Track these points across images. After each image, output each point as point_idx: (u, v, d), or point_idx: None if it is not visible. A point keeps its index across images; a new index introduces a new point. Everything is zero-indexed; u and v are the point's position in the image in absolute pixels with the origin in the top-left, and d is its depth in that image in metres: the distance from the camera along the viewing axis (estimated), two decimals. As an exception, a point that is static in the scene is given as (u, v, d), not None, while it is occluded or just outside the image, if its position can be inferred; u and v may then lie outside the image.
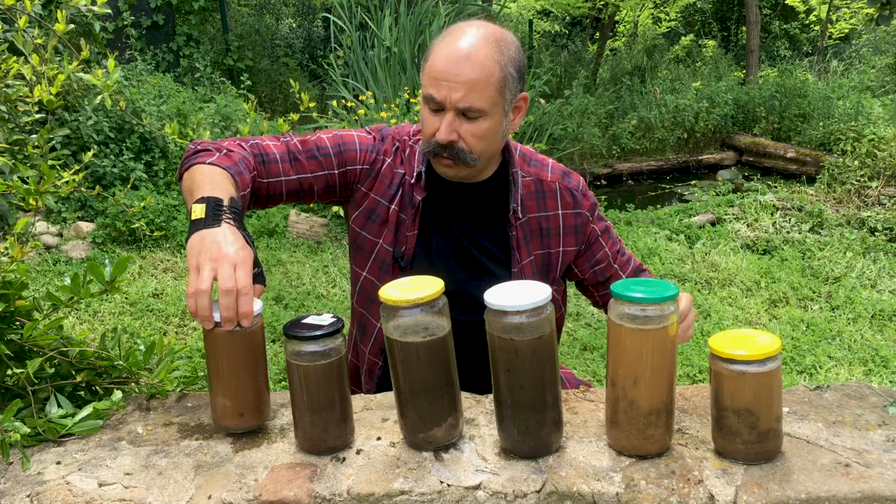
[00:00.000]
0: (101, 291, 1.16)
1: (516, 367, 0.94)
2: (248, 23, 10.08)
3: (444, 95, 1.26)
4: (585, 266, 1.50)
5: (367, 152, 1.41)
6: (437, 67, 1.26)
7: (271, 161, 1.33)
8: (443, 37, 1.31)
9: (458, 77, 1.24)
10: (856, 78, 10.91)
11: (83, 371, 1.17)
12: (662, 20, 14.74)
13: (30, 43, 1.29)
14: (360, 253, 1.44)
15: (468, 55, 1.25)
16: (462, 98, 1.25)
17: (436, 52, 1.29)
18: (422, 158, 1.40)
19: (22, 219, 1.21)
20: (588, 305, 3.95)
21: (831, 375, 3.09)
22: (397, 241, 1.41)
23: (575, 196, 1.46)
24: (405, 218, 1.40)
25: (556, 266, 1.47)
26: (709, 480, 0.92)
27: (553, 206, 1.45)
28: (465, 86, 1.25)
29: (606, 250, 1.50)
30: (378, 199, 1.41)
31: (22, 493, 0.96)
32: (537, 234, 1.44)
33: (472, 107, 1.26)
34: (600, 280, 1.51)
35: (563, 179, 1.47)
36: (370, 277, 1.43)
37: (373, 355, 1.48)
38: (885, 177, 5.65)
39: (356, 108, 6.05)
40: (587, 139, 7.97)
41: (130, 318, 3.72)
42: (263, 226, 5.15)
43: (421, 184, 1.40)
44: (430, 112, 1.30)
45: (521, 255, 1.42)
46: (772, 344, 0.92)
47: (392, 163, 1.41)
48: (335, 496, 0.93)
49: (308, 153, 1.36)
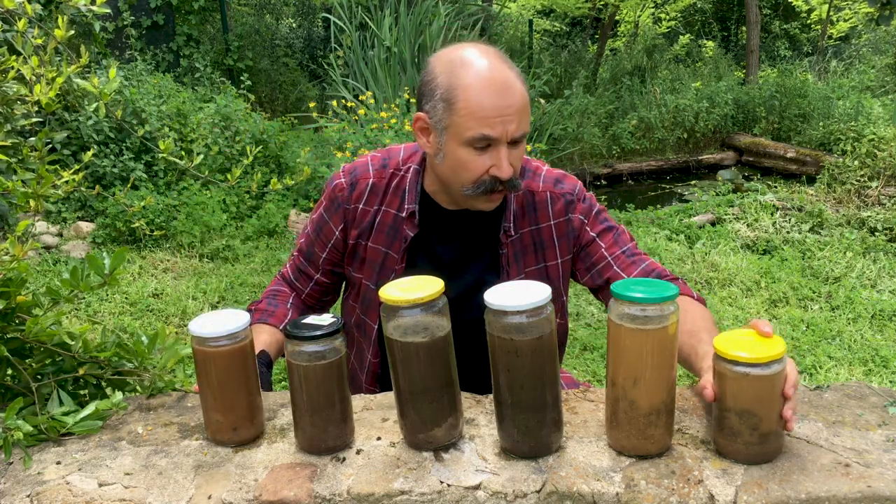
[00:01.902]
0: (100, 284, 1.16)
1: (516, 367, 0.94)
2: (248, 23, 10.08)
3: (500, 132, 1.21)
4: (581, 268, 1.45)
5: (336, 215, 1.44)
6: (485, 106, 1.19)
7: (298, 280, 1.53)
8: (461, 75, 1.22)
9: (509, 109, 1.20)
10: (856, 78, 10.91)
11: (86, 364, 1.16)
12: (663, 20, 14.74)
13: (29, 44, 1.29)
14: (352, 288, 1.52)
15: (507, 84, 1.21)
16: (517, 128, 1.22)
17: (470, 89, 1.20)
18: (414, 195, 1.38)
19: (23, 221, 1.21)
20: (588, 305, 3.95)
21: (831, 375, 3.09)
22: (382, 275, 1.41)
23: (568, 201, 1.42)
24: (392, 254, 1.40)
25: (557, 279, 1.43)
26: (709, 480, 0.92)
27: (545, 218, 1.41)
28: (516, 116, 1.21)
29: (604, 252, 1.41)
30: (359, 241, 1.43)
31: (22, 493, 0.96)
32: (531, 250, 1.41)
33: (524, 133, 1.24)
34: (598, 283, 1.43)
35: (554, 187, 1.42)
36: (361, 314, 1.49)
37: (368, 384, 1.52)
38: (885, 177, 5.66)
39: (356, 108, 6.05)
40: (587, 139, 7.97)
41: (130, 318, 3.72)
42: (263, 226, 5.16)
43: (414, 221, 1.38)
44: (476, 152, 1.23)
45: (511, 272, 1.40)
46: (776, 346, 0.92)
47: (367, 204, 1.41)
48: (335, 496, 0.93)
49: (307, 257, 1.51)
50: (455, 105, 1.21)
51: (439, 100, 1.23)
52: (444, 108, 1.23)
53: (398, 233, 1.39)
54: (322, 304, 1.57)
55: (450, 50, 1.27)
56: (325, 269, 1.50)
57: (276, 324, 1.43)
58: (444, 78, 1.23)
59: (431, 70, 1.27)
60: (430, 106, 1.26)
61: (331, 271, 1.50)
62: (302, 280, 1.53)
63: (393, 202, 1.40)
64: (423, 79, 1.28)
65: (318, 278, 1.51)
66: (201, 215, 4.97)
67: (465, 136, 1.22)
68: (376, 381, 1.51)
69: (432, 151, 1.30)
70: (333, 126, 5.89)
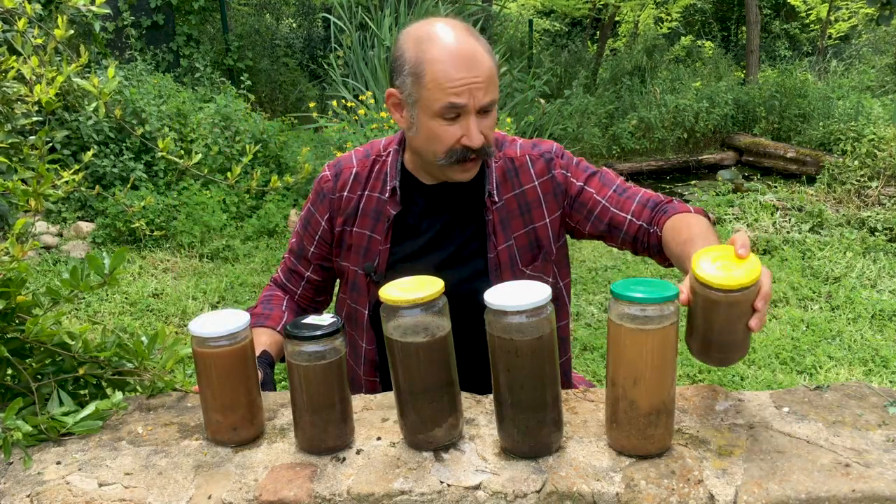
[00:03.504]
0: (100, 284, 1.16)
1: (516, 367, 0.94)
2: (248, 23, 10.08)
3: (467, 100, 1.24)
4: (580, 218, 1.43)
5: (322, 205, 1.47)
6: (452, 77, 1.23)
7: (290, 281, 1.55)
8: (426, 48, 1.25)
9: (476, 79, 1.23)
10: (856, 78, 10.92)
11: (86, 364, 1.16)
12: (664, 20, 14.74)
13: (29, 44, 1.29)
14: (342, 280, 1.52)
15: (472, 55, 1.25)
16: (484, 96, 1.25)
17: (436, 63, 1.24)
18: (394, 173, 1.41)
19: (21, 219, 1.21)
20: (588, 305, 3.95)
21: (831, 375, 3.09)
22: (367, 257, 1.43)
23: (548, 159, 1.43)
24: (375, 235, 1.42)
25: (546, 239, 1.44)
26: (709, 480, 0.92)
27: (528, 180, 1.43)
28: (484, 84, 1.24)
29: (596, 196, 1.41)
30: (344, 228, 1.45)
31: (22, 493, 0.96)
32: (517, 214, 1.42)
33: (492, 100, 1.27)
34: (602, 229, 1.42)
35: (532, 150, 1.44)
36: (351, 303, 1.49)
37: (367, 375, 1.51)
38: (885, 177, 5.66)
39: (356, 108, 6.05)
40: (587, 139, 7.98)
41: (130, 318, 3.72)
42: (263, 226, 5.16)
43: (396, 198, 1.40)
44: (447, 122, 1.26)
45: (497, 239, 1.41)
46: (749, 271, 0.93)
47: (350, 191, 1.44)
48: (335, 496, 0.93)
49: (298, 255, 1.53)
50: (423, 79, 1.25)
51: (408, 74, 1.27)
52: (413, 82, 1.27)
53: (381, 214, 1.41)
54: (315, 304, 1.58)
55: (418, 26, 1.31)
56: (316, 264, 1.52)
57: (273, 326, 1.44)
58: (412, 53, 1.27)
59: (400, 46, 1.30)
60: (399, 81, 1.30)
61: (321, 266, 1.52)
62: (294, 280, 1.54)
63: (375, 186, 1.43)
64: (393, 55, 1.32)
65: (309, 275, 1.53)
66: (201, 215, 4.97)
67: (434, 107, 1.25)
68: (375, 369, 1.50)
69: (406, 126, 1.34)
70: (333, 126, 5.89)
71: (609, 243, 1.46)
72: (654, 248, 1.38)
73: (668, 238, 1.31)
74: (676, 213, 1.35)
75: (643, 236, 1.39)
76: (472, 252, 1.42)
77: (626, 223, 1.39)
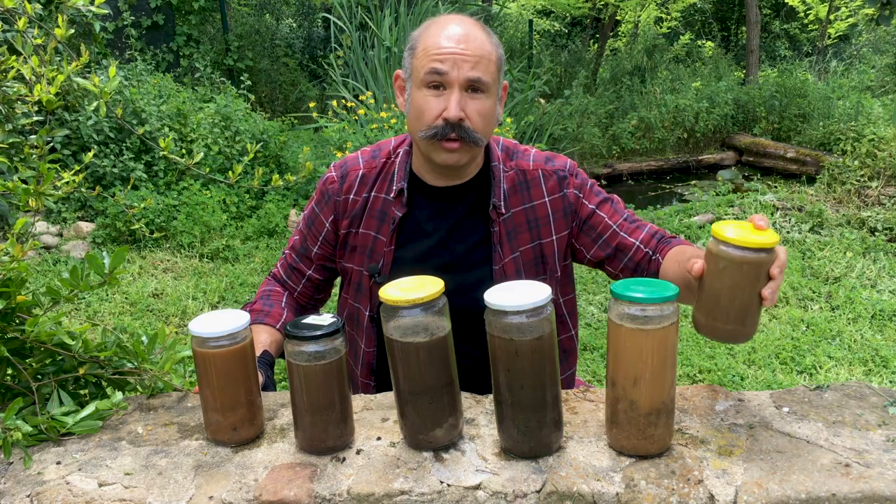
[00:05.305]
0: (100, 284, 1.16)
1: (516, 367, 0.94)
2: (248, 23, 10.07)
3: (450, 68, 1.25)
4: (586, 241, 1.44)
5: (326, 207, 1.46)
6: (439, 45, 1.26)
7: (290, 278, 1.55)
8: (427, 27, 1.31)
9: (465, 51, 1.25)
10: (856, 78, 10.91)
11: (86, 364, 1.16)
12: (664, 20, 14.74)
13: (29, 44, 1.29)
14: (344, 280, 1.52)
15: (467, 34, 1.27)
16: (471, 69, 1.26)
17: (429, 36, 1.29)
18: (402, 175, 1.40)
19: (21, 218, 1.21)
20: (588, 305, 3.95)
21: (831, 375, 3.09)
22: (372, 259, 1.43)
23: (561, 177, 1.43)
24: (380, 237, 1.42)
25: (551, 257, 1.43)
26: (709, 480, 0.92)
27: (539, 195, 1.42)
28: (473, 59, 1.26)
29: (608, 221, 1.42)
30: (349, 230, 1.45)
31: (22, 493, 0.96)
32: (525, 228, 1.41)
33: (480, 79, 1.27)
34: (607, 252, 1.43)
35: (545, 164, 1.43)
36: (353, 303, 1.49)
37: (364, 377, 1.51)
38: (885, 177, 5.66)
39: (356, 108, 6.05)
40: (587, 139, 7.97)
41: (130, 318, 3.72)
42: (263, 226, 5.16)
43: (402, 199, 1.40)
44: (432, 95, 1.28)
45: (503, 251, 1.40)
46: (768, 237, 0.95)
47: (356, 194, 1.44)
48: (335, 496, 0.93)
49: (300, 253, 1.53)
50: (415, 50, 1.31)
51: (408, 50, 1.33)
52: (409, 55, 1.33)
53: (387, 215, 1.41)
54: (314, 301, 1.58)
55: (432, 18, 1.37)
56: (318, 264, 1.52)
57: (272, 323, 1.43)
58: (416, 33, 1.34)
59: (411, 34, 1.36)
60: (403, 62, 1.36)
61: (323, 266, 1.52)
62: (294, 277, 1.54)
63: (382, 187, 1.43)
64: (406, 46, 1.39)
65: (310, 274, 1.53)
66: (201, 215, 4.97)
67: (420, 75, 1.28)
68: (371, 373, 1.49)
69: (404, 107, 1.37)
70: (333, 126, 5.89)
71: (608, 268, 1.47)
72: (652, 275, 1.39)
73: (670, 259, 1.32)
74: (680, 245, 1.37)
75: (645, 264, 1.40)
76: (476, 260, 1.41)
77: (633, 248, 1.41)
